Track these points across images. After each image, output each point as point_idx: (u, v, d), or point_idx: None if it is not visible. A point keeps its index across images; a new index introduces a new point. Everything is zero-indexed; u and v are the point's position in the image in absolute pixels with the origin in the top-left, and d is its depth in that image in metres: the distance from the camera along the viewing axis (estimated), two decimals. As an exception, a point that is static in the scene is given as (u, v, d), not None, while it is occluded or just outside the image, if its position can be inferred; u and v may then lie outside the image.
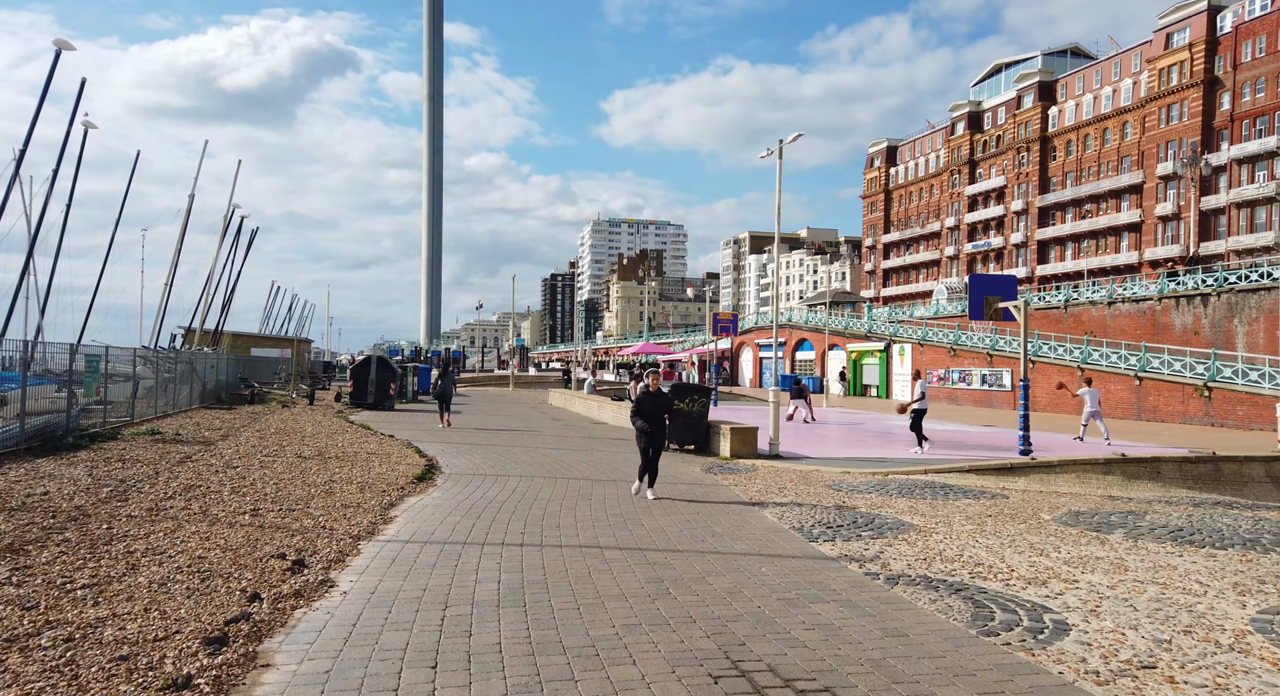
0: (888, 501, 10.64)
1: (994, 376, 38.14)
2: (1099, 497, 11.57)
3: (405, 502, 10.10)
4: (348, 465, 12.97)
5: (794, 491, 11.61)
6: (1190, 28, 64.99)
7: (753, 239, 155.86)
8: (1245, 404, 26.39)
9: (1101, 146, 74.54)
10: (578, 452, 16.70)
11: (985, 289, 19.94)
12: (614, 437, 20.50)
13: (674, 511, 9.78)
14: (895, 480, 12.72)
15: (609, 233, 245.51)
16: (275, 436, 17.11)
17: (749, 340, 63.19)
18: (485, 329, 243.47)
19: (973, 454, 17.89)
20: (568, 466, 14.25)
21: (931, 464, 15.02)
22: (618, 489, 11.69)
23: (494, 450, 16.63)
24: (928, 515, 9.54)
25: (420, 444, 17.15)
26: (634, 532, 8.38)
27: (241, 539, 7.43)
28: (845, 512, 9.51)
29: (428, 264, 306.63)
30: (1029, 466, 12.56)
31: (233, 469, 11.95)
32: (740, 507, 10.08)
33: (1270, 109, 59.00)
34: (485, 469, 13.66)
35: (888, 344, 46.53)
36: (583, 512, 9.58)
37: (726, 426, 17.02)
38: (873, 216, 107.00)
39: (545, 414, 29.50)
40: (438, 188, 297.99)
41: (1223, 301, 32.76)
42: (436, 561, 6.94)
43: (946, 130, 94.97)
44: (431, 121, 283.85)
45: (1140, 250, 69.31)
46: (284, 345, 52.75)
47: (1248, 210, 61.35)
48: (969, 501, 10.68)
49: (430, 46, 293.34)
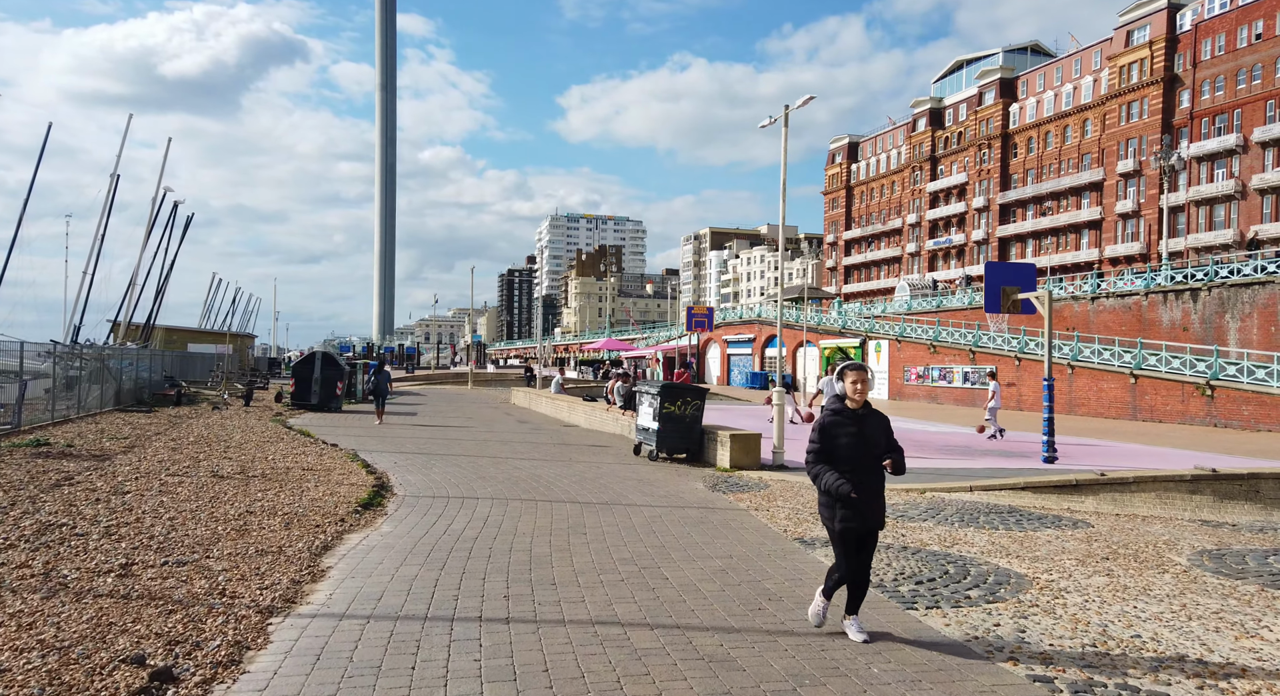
0: (956, 533, 8.55)
1: (977, 374, 36.68)
2: (1192, 523, 9.66)
3: (345, 543, 7.70)
4: (275, 487, 10.44)
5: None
6: (1150, 25, 64.87)
7: (713, 235, 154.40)
8: (1251, 403, 25.11)
9: (1062, 144, 74.35)
10: (554, 464, 14.36)
11: (1002, 278, 18.11)
12: (592, 444, 18.17)
13: (698, 551, 7.54)
14: (940, 501, 10.66)
15: (567, 228, 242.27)
16: (193, 447, 14.42)
17: (716, 336, 61.27)
18: (441, 325, 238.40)
19: (989, 463, 16.00)
20: (547, 484, 11.92)
21: (966, 477, 13.02)
22: (614, 516, 9.41)
23: (456, 462, 14.20)
24: (1024, 556, 7.44)
25: (369, 454, 14.63)
26: (659, 594, 6.11)
27: (85, 624, 4.96)
28: (922, 556, 7.36)
29: (380, 258, 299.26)
30: (1097, 483, 10.65)
31: (121, 496, 9.36)
32: (782, 546, 7.88)
33: (1229, 107, 58.99)
34: (447, 488, 11.26)
35: (863, 340, 44.93)
36: (581, 556, 7.29)
37: (725, 433, 14.84)
38: (834, 213, 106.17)
39: (510, 415, 27.03)
40: (391, 180, 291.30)
41: (1213, 296, 31.66)
42: (383, 659, 4.59)
43: (908, 126, 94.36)
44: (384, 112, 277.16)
45: (1101, 247, 69.21)
46: (224, 341, 49.23)
47: (1207, 208, 61.40)
48: (1054, 532, 8.65)
49: (383, 35, 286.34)
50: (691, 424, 15.57)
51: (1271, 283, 29.53)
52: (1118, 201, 67.53)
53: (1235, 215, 59.02)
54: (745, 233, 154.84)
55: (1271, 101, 56.00)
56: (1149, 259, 64.46)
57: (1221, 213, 60.71)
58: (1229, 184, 58.19)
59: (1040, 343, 34.02)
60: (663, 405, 15.25)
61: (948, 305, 45.01)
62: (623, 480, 12.62)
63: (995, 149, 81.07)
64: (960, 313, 42.19)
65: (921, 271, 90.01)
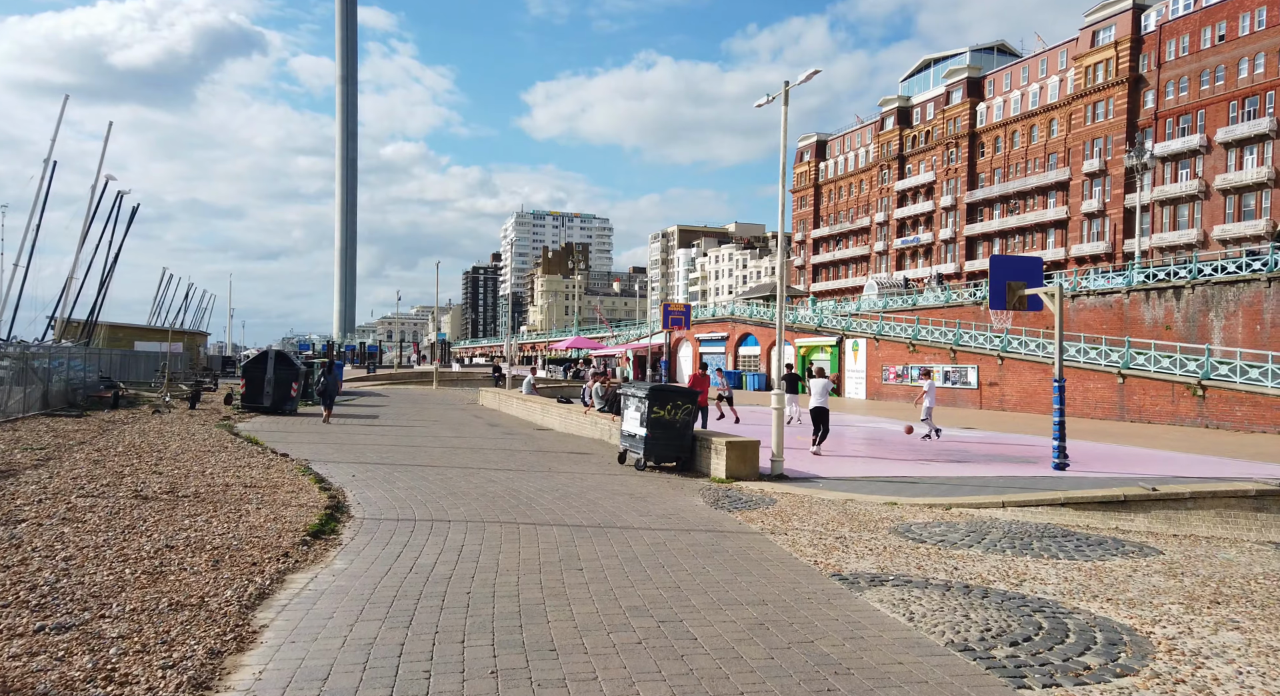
0: (1016, 565, 7.32)
1: (958, 373, 35.90)
2: (1266, 547, 8.56)
3: (287, 586, 6.22)
4: (208, 511, 8.87)
5: (861, 545, 8.17)
6: (1115, 26, 65.16)
7: (681, 233, 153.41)
8: (1245, 404, 24.51)
9: (1029, 143, 74.55)
10: (533, 475, 12.92)
11: (1008, 273, 17.01)
12: (571, 451, 16.73)
13: (722, 594, 6.19)
14: (977, 520, 9.45)
15: (533, 225, 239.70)
16: (119, 458, 12.70)
17: (689, 335, 60.05)
18: (404, 322, 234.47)
19: (999, 470, 14.93)
20: (527, 501, 10.48)
21: (983, 488, 11.88)
22: (610, 544, 8.02)
23: (423, 474, 12.69)
24: (1114, 599, 6.21)
25: (324, 465, 13.05)
26: (692, 665, 4.73)
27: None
28: (997, 602, 6.09)
29: (341, 254, 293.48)
30: (1147, 499, 9.54)
31: (12, 525, 7.72)
32: (821, 587, 6.56)
33: (1193, 108, 59.33)
34: (413, 507, 9.78)
35: (840, 339, 44.01)
36: (582, 604, 5.89)
37: (720, 440, 13.52)
38: (802, 211, 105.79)
39: (479, 418, 25.45)
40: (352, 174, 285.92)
41: (1197, 294, 31.18)
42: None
43: (876, 125, 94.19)
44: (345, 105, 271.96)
45: (1067, 246, 69.48)
46: (175, 338, 46.77)
47: (1171, 207, 61.80)
48: (1124, 562, 7.46)
49: (344, 28, 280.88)
50: (683, 430, 14.23)
51: (1256, 280, 29.08)
52: (1083, 201, 67.89)
53: (1199, 215, 59.46)
54: (713, 231, 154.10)
55: (1234, 102, 56.37)
56: (1114, 258, 64.79)
57: (1185, 212, 61.14)
58: (1193, 184, 58.59)
59: (1024, 341, 33.32)
60: (651, 409, 13.90)
61: (924, 303, 44.30)
62: (612, 495, 11.23)
63: (963, 148, 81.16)
64: (938, 310, 41.48)
65: (889, 270, 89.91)
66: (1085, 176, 68.15)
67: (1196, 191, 58.58)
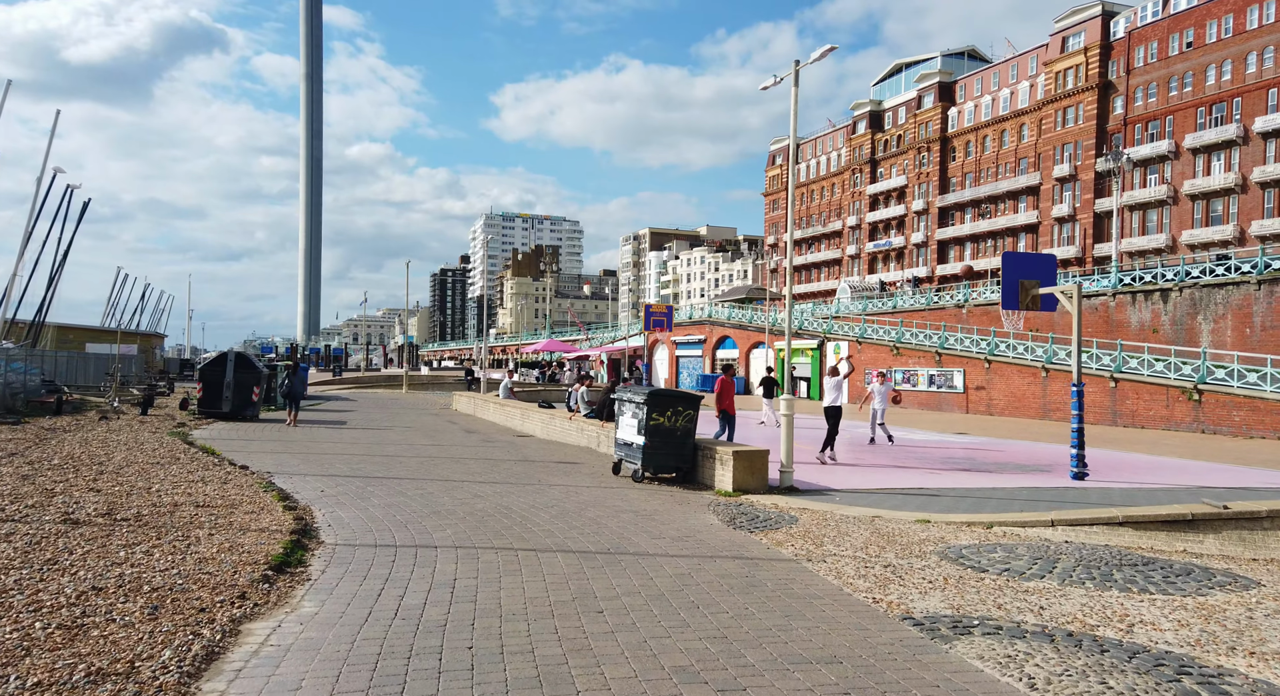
0: (1108, 602, 6.29)
1: (943, 376, 35.24)
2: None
3: (243, 642, 4.97)
4: (150, 538, 7.54)
5: (917, 576, 7.10)
6: (1085, 32, 65.59)
7: (653, 235, 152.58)
8: (1243, 408, 24.01)
9: (1000, 148, 74.83)
10: (522, 489, 11.70)
11: (1020, 270, 16.16)
12: (559, 460, 15.51)
13: (780, 647, 5.06)
14: (1031, 543, 8.44)
15: (502, 227, 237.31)
16: (53, 472, 11.23)
17: (665, 338, 58.99)
18: (370, 325, 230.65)
19: (1021, 481, 14.07)
20: (521, 520, 9.27)
21: (1012, 502, 10.93)
22: (628, 575, 6.86)
23: (400, 488, 11.40)
24: (1256, 652, 5.17)
25: (288, 478, 11.71)
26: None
27: None
28: (1117, 658, 5.02)
29: (305, 255, 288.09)
30: (1217, 518, 8.62)
31: (-97, 564, 6.35)
32: (897, 635, 5.46)
33: (1161, 113, 59.77)
34: (392, 529, 8.53)
35: (821, 342, 43.23)
36: (615, 665, 4.72)
37: (726, 450, 12.42)
38: (775, 214, 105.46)
39: (454, 424, 24.09)
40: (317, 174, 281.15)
41: (1184, 297, 30.81)
42: None
43: (848, 129, 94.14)
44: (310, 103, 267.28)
45: (1038, 250, 69.73)
46: (126, 340, 44.59)
47: (1140, 212, 62.23)
48: (1231, 598, 6.46)
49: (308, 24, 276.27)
50: (684, 438, 13.11)
51: (1246, 283, 28.75)
52: (1054, 205, 68.30)
53: (1167, 220, 59.91)
54: (685, 233, 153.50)
55: (1202, 109, 56.82)
56: (1084, 262, 65.14)
57: (1154, 217, 61.62)
58: (1161, 189, 59.02)
59: (1012, 344, 32.73)
60: (650, 416, 12.76)
61: (905, 306, 43.72)
62: (614, 512, 10.07)
63: (934, 152, 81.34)
64: (920, 313, 40.89)
65: (862, 274, 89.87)
66: (1056, 181, 68.60)
67: (1165, 197, 59.01)
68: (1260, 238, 50.94)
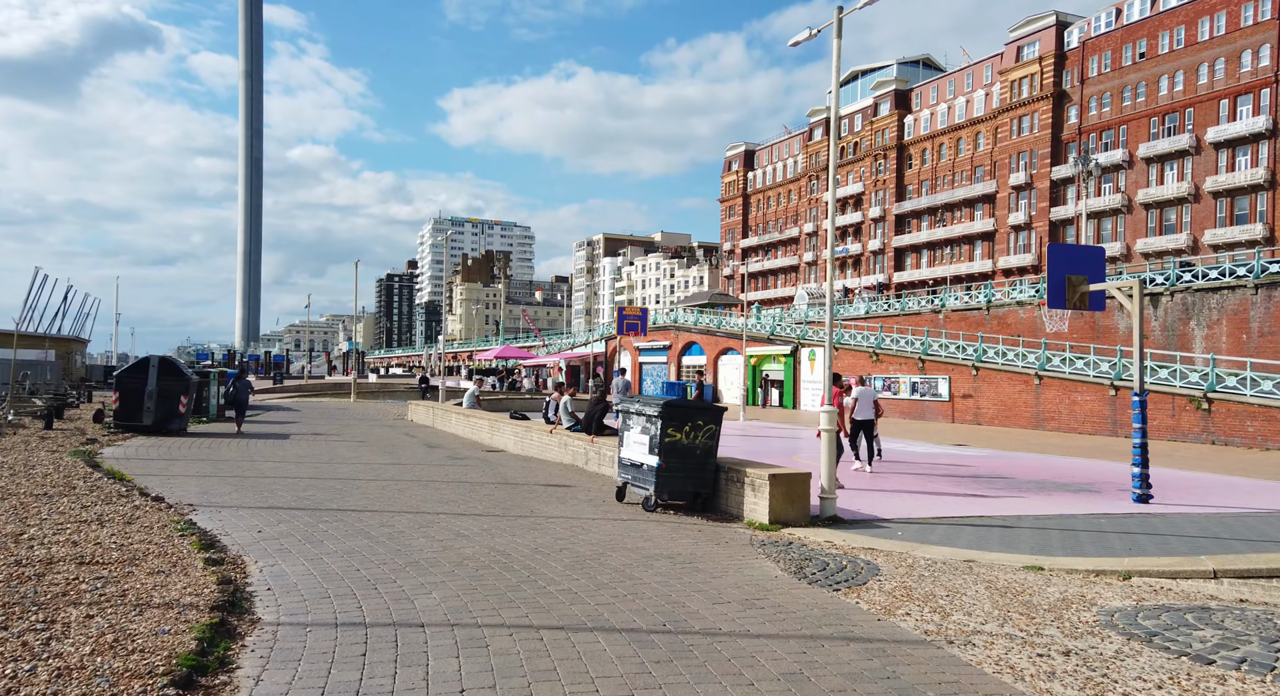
0: None
1: (927, 384, 33.75)
2: None
3: None
4: (-7, 628, 5.02)
5: (1116, 672, 5.03)
6: (1040, 41, 65.80)
7: (607, 241, 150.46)
8: (1257, 418, 22.82)
9: (956, 155, 74.76)
10: (515, 523, 9.36)
11: (1067, 264, 14.40)
12: (546, 482, 13.15)
13: None
14: (1237, 610, 6.48)
15: (451, 233, 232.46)
16: (-104, 513, 8.51)
17: (628, 344, 56.80)
18: (313, 331, 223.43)
19: (1075, 505, 12.30)
20: (530, 573, 6.95)
21: (1131, 550, 9.03)
22: (714, 677, 4.64)
23: (359, 524, 8.96)
24: None
25: (216, 513, 9.17)
26: None
27: None
28: None
29: (244, 260, 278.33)
30: None
31: None
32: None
33: (1115, 123, 60.02)
34: (357, 595, 6.12)
35: (795, 348, 41.53)
36: None
37: (758, 472, 10.26)
38: (731, 221, 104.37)
39: (412, 436, 21.49)
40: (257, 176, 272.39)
41: (1176, 301, 29.82)
42: None
43: (804, 135, 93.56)
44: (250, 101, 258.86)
45: (994, 258, 69.70)
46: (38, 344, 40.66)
47: (1095, 221, 62.40)
48: None
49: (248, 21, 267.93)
50: (704, 458, 10.94)
51: (1242, 287, 27.81)
52: (1010, 213, 68.31)
53: (1122, 228, 60.12)
54: (639, 240, 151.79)
55: (1155, 119, 57.09)
56: (1040, 270, 65.09)
57: (1109, 226, 61.83)
58: (1116, 198, 59.20)
59: (1001, 350, 31.35)
60: (665, 432, 10.56)
61: (876, 312, 42.35)
62: (643, 558, 7.82)
63: (891, 159, 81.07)
64: (896, 318, 39.51)
65: (819, 281, 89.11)
66: (1012, 189, 68.71)
67: (1120, 205, 59.20)
68: (1213, 246, 51.17)
